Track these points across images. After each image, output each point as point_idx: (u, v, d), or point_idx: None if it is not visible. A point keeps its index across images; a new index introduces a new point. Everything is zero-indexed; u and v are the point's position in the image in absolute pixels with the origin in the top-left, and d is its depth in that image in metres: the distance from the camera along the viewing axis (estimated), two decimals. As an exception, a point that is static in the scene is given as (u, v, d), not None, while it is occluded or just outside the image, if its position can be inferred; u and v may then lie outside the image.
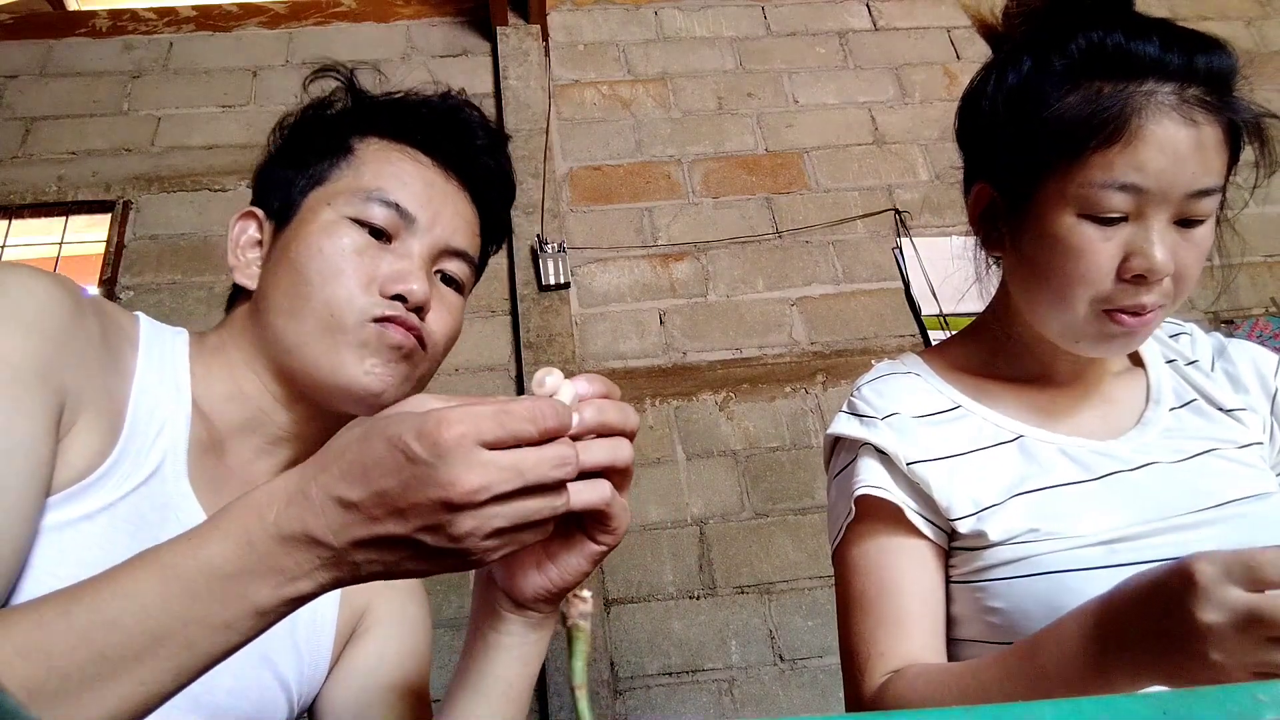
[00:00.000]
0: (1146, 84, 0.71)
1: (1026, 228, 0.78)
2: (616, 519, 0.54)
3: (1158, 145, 0.71)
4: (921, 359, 0.92)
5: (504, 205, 0.87)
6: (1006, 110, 0.79)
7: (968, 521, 0.78)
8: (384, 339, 0.71)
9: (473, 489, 0.44)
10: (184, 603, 0.45)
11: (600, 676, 2.06)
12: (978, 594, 0.77)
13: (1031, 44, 0.78)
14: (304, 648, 0.76)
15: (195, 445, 0.70)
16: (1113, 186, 0.71)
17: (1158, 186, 0.71)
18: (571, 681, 0.45)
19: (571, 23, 3.02)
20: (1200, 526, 0.73)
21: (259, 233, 0.79)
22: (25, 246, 2.64)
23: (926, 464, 0.80)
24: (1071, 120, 0.73)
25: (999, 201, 0.83)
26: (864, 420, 0.85)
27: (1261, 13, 3.24)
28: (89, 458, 0.61)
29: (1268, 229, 2.75)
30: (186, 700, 0.63)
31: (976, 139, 0.86)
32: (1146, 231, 0.72)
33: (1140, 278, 0.72)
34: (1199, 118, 0.71)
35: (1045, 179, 0.75)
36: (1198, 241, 0.74)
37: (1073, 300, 0.75)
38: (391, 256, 0.74)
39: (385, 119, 0.80)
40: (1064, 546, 0.73)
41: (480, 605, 0.61)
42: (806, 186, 2.78)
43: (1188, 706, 0.32)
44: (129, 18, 2.91)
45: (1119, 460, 0.79)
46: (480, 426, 0.45)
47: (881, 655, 0.75)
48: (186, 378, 0.72)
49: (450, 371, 2.41)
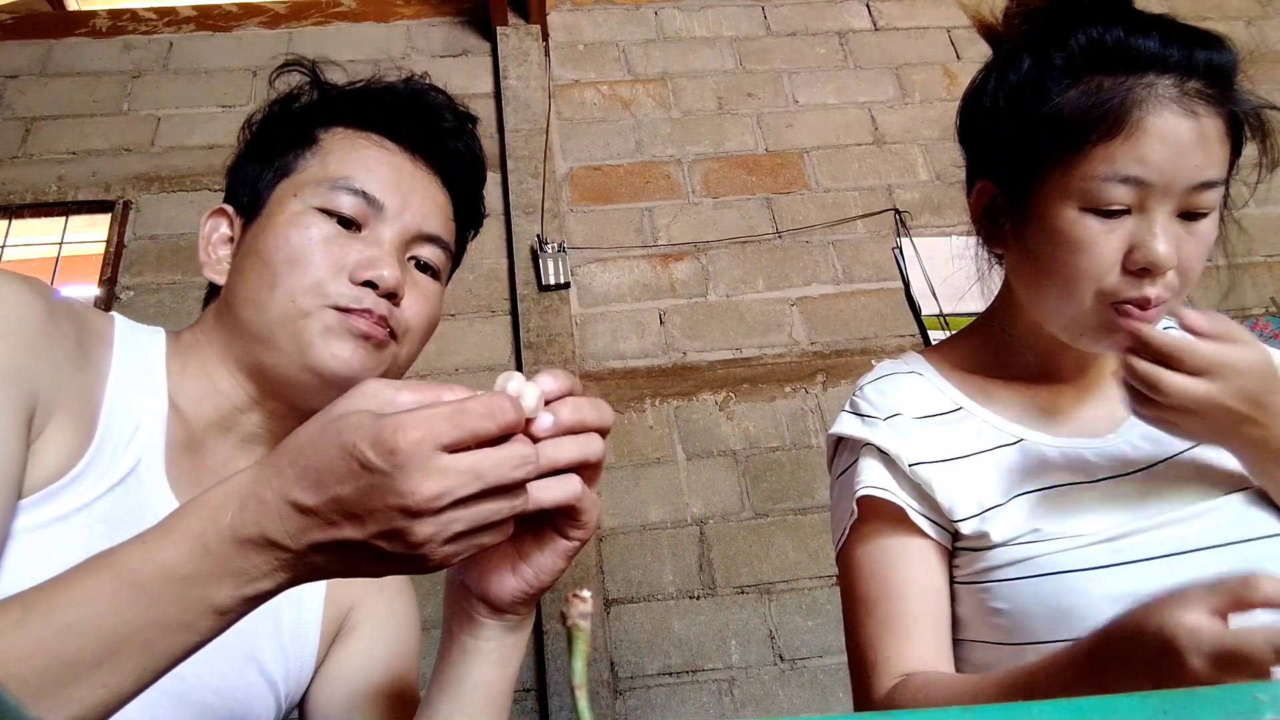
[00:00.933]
0: (1147, 77, 0.72)
1: (1029, 223, 0.78)
2: (587, 513, 0.53)
3: (1159, 137, 0.71)
4: (924, 358, 0.91)
5: (475, 187, 0.86)
6: (1007, 107, 0.80)
7: (970, 523, 0.78)
8: (347, 325, 0.70)
9: (431, 496, 0.43)
10: (140, 608, 0.44)
11: (600, 676, 2.05)
12: (981, 595, 0.77)
13: (1032, 42, 0.79)
14: (290, 646, 0.75)
15: (173, 444, 0.69)
16: (1114, 179, 0.71)
17: (1160, 179, 0.71)
18: (571, 681, 0.45)
19: (571, 23, 3.02)
20: (1199, 518, 0.73)
21: (230, 229, 0.78)
22: (25, 246, 2.64)
23: (929, 465, 0.80)
24: (1072, 114, 0.73)
25: (1001, 198, 0.83)
26: (866, 420, 0.85)
27: (1261, 12, 3.24)
28: (63, 459, 0.61)
29: (1268, 229, 2.75)
30: (172, 699, 0.63)
31: (978, 137, 0.86)
32: (1150, 224, 0.72)
33: (1144, 270, 0.72)
34: (1200, 110, 0.72)
35: (1047, 173, 0.76)
36: (1201, 235, 0.74)
37: (1077, 294, 0.75)
38: (361, 244, 0.73)
39: (349, 108, 0.80)
40: (1067, 546, 0.73)
41: (454, 611, 0.60)
42: (806, 186, 2.78)
43: (1187, 706, 0.32)
44: (129, 18, 2.91)
45: (1117, 461, 0.79)
46: (437, 430, 0.43)
47: (888, 659, 0.75)
48: (163, 377, 0.71)
49: (450, 371, 2.41)
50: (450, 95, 0.85)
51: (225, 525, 0.44)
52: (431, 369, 2.38)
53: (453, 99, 0.85)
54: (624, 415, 2.37)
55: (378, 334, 0.72)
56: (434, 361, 2.39)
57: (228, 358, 0.73)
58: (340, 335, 0.70)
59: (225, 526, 0.44)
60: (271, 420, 0.75)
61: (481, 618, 0.58)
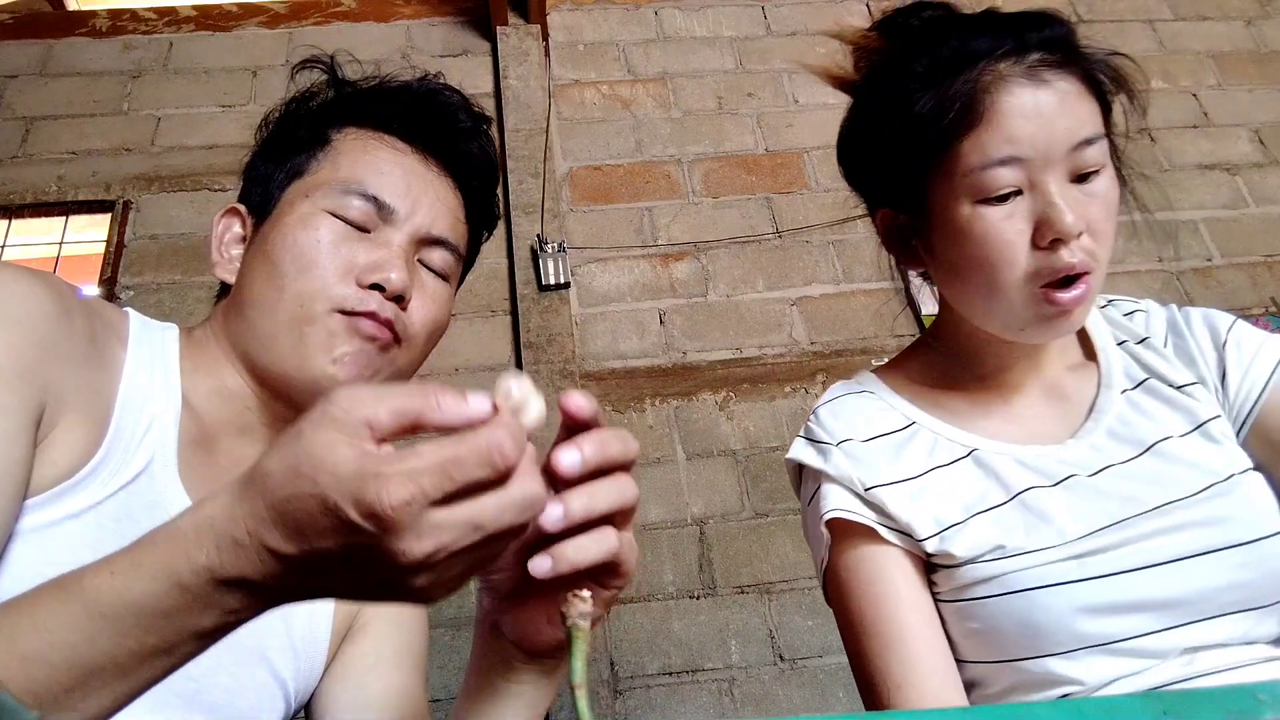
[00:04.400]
0: (989, 65, 0.74)
1: (934, 233, 0.80)
2: (626, 562, 0.51)
3: (1019, 113, 0.72)
4: (877, 376, 0.91)
5: (489, 189, 0.86)
6: (878, 137, 0.82)
7: (932, 542, 0.77)
8: (353, 328, 0.70)
9: (425, 555, 0.39)
10: (113, 639, 0.41)
11: (600, 676, 2.06)
12: (957, 614, 0.77)
13: (881, 75, 0.82)
14: (300, 645, 0.75)
15: (186, 442, 0.69)
16: (992, 164, 0.73)
17: (1034, 151, 0.72)
18: (571, 681, 0.45)
19: (571, 23, 3.02)
20: (1168, 533, 0.72)
21: (243, 229, 0.78)
22: (25, 246, 2.64)
23: (884, 488, 0.80)
24: (931, 117, 0.75)
25: (902, 219, 0.84)
26: (819, 447, 0.85)
27: (1261, 12, 3.24)
28: (75, 457, 0.60)
29: (1268, 229, 2.75)
30: (182, 698, 0.63)
31: (862, 174, 0.89)
32: (1045, 196, 0.73)
33: (1056, 242, 0.72)
34: (1048, 76, 0.73)
35: (931, 180, 0.77)
36: (1101, 194, 0.74)
37: (1001, 285, 0.75)
38: (369, 246, 0.73)
39: (362, 108, 0.79)
40: (1033, 563, 0.73)
41: (486, 651, 0.58)
42: (806, 186, 2.78)
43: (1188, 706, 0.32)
44: (129, 18, 2.91)
45: (1074, 465, 0.78)
46: (425, 486, 0.38)
47: (899, 688, 0.74)
48: (176, 374, 0.71)
49: (450, 371, 2.41)
50: (465, 96, 0.83)
51: (202, 565, 0.41)
52: (431, 369, 2.38)
53: (468, 99, 0.84)
54: (624, 415, 2.37)
55: (382, 336, 0.71)
56: (434, 361, 2.39)
57: (235, 356, 0.73)
58: (345, 340, 0.70)
59: (202, 567, 0.41)
60: (278, 420, 0.75)
61: (518, 663, 0.56)
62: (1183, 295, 2.61)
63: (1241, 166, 2.87)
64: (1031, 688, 0.74)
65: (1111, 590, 0.70)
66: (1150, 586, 0.70)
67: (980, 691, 0.78)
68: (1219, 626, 0.70)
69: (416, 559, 0.39)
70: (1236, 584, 0.70)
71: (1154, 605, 0.70)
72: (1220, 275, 2.68)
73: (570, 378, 2.36)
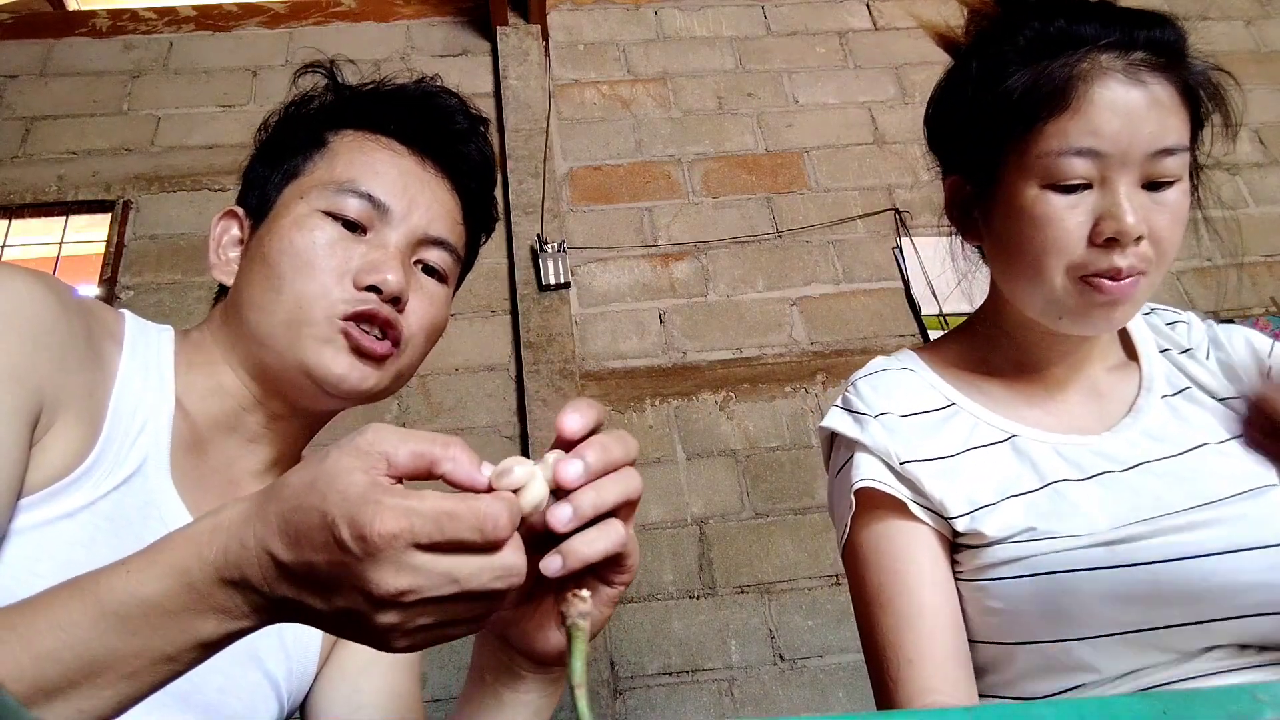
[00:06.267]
0: (1090, 54, 0.74)
1: (996, 208, 0.80)
2: (630, 557, 0.51)
3: (1109, 107, 0.72)
4: (917, 355, 0.92)
5: (486, 190, 0.86)
6: (967, 102, 0.82)
7: (963, 520, 0.78)
8: (348, 341, 0.70)
9: (395, 591, 0.40)
10: (123, 638, 0.43)
11: (600, 676, 2.06)
12: (978, 593, 0.77)
13: (985, 42, 0.82)
14: (292, 646, 0.75)
15: (178, 443, 0.69)
16: (1070, 153, 0.73)
17: (1115, 148, 0.72)
18: (571, 681, 0.45)
19: (571, 22, 3.02)
20: (1199, 528, 0.72)
21: (240, 231, 0.78)
22: (25, 246, 2.64)
23: (919, 464, 0.80)
24: (1022, 94, 0.75)
25: (970, 190, 0.84)
26: (857, 417, 0.85)
27: (1261, 12, 3.24)
28: (69, 457, 0.61)
29: (1268, 229, 2.75)
30: (176, 698, 0.63)
31: (944, 137, 0.89)
32: (1113, 194, 0.73)
33: (1112, 241, 0.72)
34: (1146, 78, 0.73)
35: (1007, 156, 0.77)
36: (1171, 205, 0.74)
37: (1048, 271, 0.75)
38: (365, 247, 0.73)
39: (359, 110, 0.79)
40: (1063, 547, 0.73)
41: (489, 662, 0.58)
42: (806, 186, 2.78)
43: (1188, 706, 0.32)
44: (129, 17, 2.91)
45: (1112, 459, 0.79)
46: (416, 527, 0.40)
47: (910, 662, 0.74)
48: (171, 375, 0.71)
49: (450, 371, 2.41)
50: (462, 97, 0.84)
51: (209, 562, 0.43)
52: (431, 369, 2.39)
53: (465, 101, 0.84)
54: (624, 415, 2.37)
55: (378, 351, 0.71)
56: (434, 361, 2.39)
57: (232, 357, 0.73)
58: (340, 350, 0.70)
59: (209, 563, 0.43)
60: (274, 420, 0.75)
61: (524, 671, 0.57)
62: (1183, 295, 2.61)
63: (1242, 166, 2.87)
64: (1047, 672, 0.74)
65: (1140, 579, 0.70)
66: (1177, 579, 0.70)
67: (992, 676, 0.78)
68: (1242, 627, 0.70)
69: (388, 592, 0.40)
70: (1264, 585, 0.69)
71: (1180, 598, 0.70)
72: (1220, 275, 2.68)
73: (570, 378, 2.36)
